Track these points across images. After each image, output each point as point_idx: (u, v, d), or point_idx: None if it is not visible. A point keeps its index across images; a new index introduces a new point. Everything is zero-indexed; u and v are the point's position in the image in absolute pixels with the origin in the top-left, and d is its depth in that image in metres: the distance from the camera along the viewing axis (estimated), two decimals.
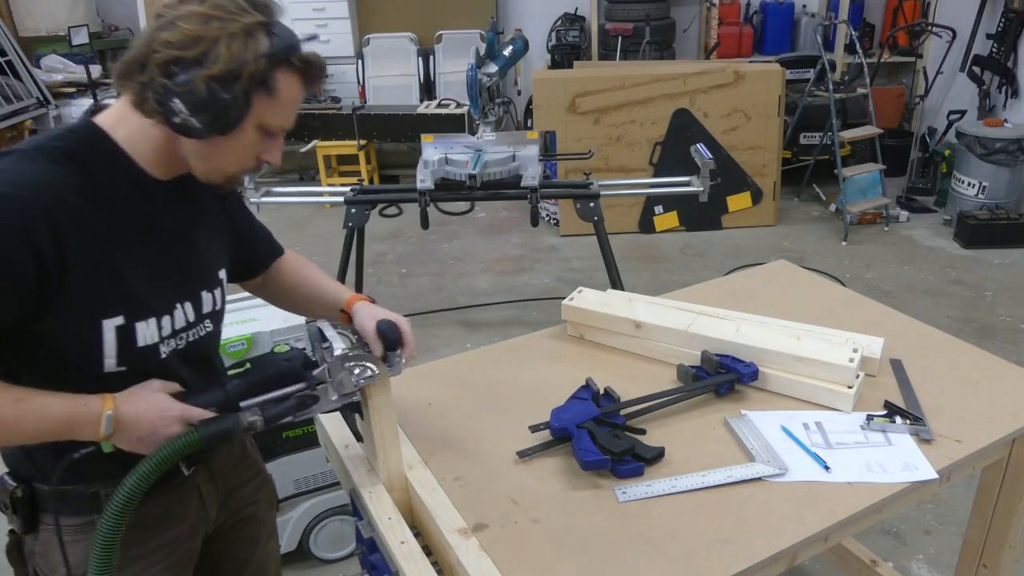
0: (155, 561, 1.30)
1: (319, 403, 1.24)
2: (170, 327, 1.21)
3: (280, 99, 1.10)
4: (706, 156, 3.31)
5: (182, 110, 1.05)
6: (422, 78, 6.32)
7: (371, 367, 1.24)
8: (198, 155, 1.13)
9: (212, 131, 1.07)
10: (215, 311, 1.31)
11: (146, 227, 1.17)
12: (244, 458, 1.50)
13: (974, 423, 1.49)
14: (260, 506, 1.53)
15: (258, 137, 1.14)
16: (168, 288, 1.21)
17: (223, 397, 1.18)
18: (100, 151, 1.12)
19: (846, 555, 2.15)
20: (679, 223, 5.14)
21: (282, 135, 1.18)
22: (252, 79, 1.06)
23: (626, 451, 1.36)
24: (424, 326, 4.01)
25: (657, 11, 5.94)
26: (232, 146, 1.12)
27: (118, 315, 1.13)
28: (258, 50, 1.05)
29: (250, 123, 1.10)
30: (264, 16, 1.07)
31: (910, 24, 6.01)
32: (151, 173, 1.16)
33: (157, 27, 1.05)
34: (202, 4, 1.04)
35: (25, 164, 1.06)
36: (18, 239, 1.01)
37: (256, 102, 1.08)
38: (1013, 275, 4.41)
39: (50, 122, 5.85)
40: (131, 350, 1.15)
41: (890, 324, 1.85)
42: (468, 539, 1.23)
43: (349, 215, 3.40)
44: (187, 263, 1.25)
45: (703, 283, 2.17)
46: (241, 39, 1.04)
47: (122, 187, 1.13)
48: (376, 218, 5.37)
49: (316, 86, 1.17)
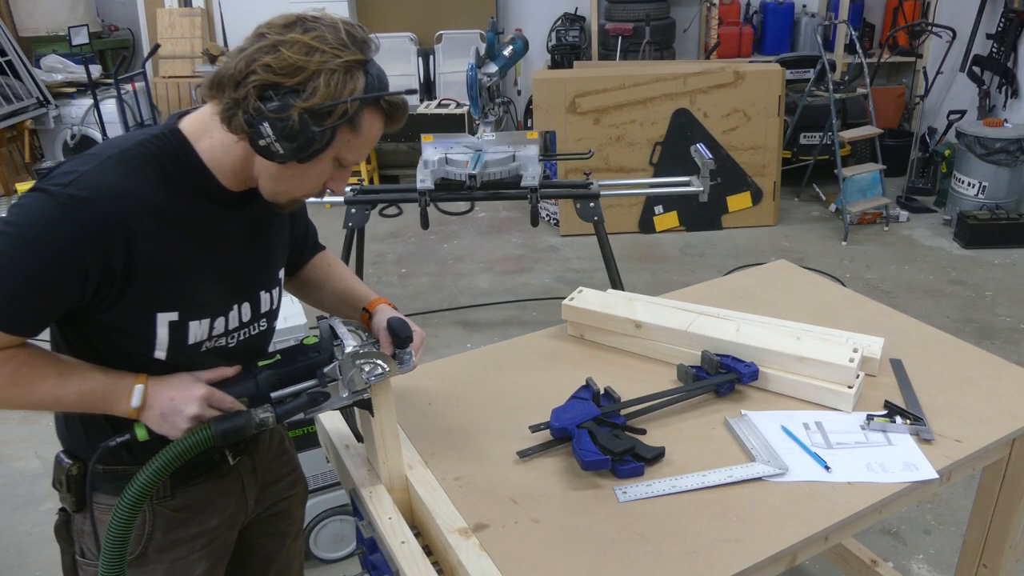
0: (196, 547, 1.33)
1: (330, 400, 1.25)
2: (223, 327, 1.24)
3: (362, 137, 1.13)
4: (706, 156, 3.31)
5: (270, 135, 1.06)
6: (422, 78, 6.32)
7: (382, 364, 1.25)
8: (271, 177, 1.15)
9: (293, 158, 1.09)
10: (272, 310, 1.34)
11: (215, 236, 1.20)
12: (282, 453, 1.53)
13: (974, 423, 1.49)
14: (293, 502, 1.56)
15: (331, 168, 1.16)
16: (228, 291, 1.24)
17: (254, 388, 1.20)
18: (182, 161, 1.14)
19: (846, 555, 2.16)
20: (679, 223, 5.14)
21: (351, 168, 1.21)
22: (343, 116, 1.07)
23: (626, 451, 1.36)
24: (424, 326, 3.97)
25: (657, 11, 5.94)
26: (306, 174, 1.14)
27: (173, 312, 1.16)
28: (355, 90, 1.06)
29: (328, 155, 1.12)
30: (363, 55, 1.08)
31: (910, 24, 6.01)
32: (225, 185, 1.18)
33: (259, 48, 1.05)
34: (306, 33, 1.05)
35: (108, 169, 1.08)
36: (90, 243, 1.04)
37: (339, 137, 1.10)
38: (1013, 275, 4.41)
39: (50, 122, 5.86)
40: (181, 345, 1.19)
41: (890, 324, 1.85)
42: (468, 539, 1.23)
43: (349, 215, 3.40)
44: (251, 268, 1.28)
45: (703, 283, 2.17)
46: (340, 76, 1.05)
47: (197, 197, 1.16)
48: (376, 218, 5.37)
49: (396, 128, 1.19)
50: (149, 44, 6.23)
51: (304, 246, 1.50)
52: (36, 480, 2.94)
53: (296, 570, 1.65)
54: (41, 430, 3.22)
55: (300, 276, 1.53)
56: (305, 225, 1.50)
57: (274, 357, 1.25)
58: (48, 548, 2.60)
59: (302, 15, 1.09)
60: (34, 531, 2.68)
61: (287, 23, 1.07)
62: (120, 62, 5.79)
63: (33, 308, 1.07)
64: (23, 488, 2.90)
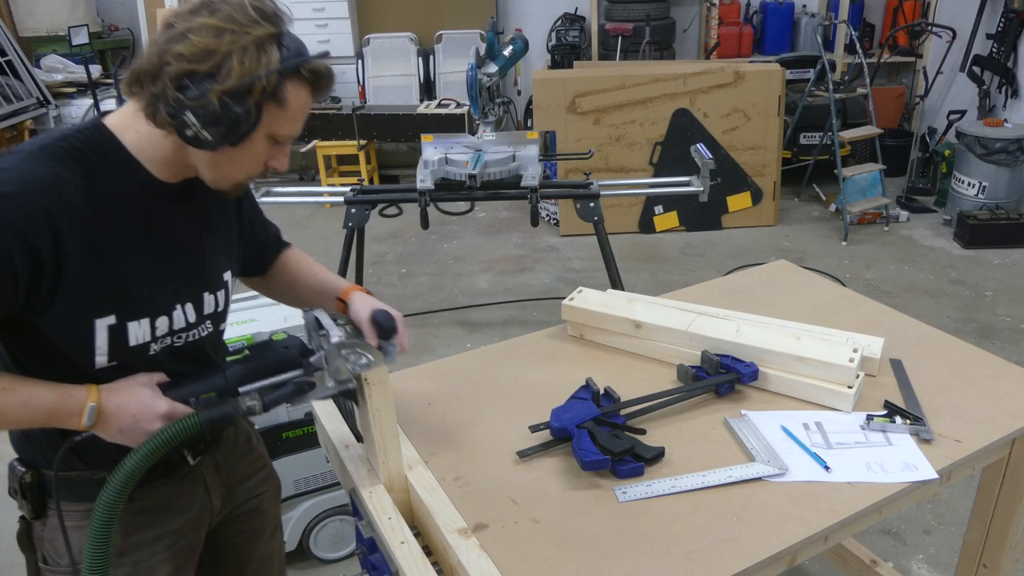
0: (159, 549, 1.31)
1: (316, 390, 1.25)
2: (166, 327, 1.21)
3: (290, 110, 1.11)
4: (706, 156, 3.31)
5: (194, 123, 1.05)
6: (422, 78, 6.32)
7: (367, 355, 1.26)
8: (208, 164, 1.14)
9: (223, 143, 1.08)
10: (217, 312, 1.31)
11: (150, 229, 1.17)
12: (250, 451, 1.51)
13: (974, 423, 1.49)
14: (265, 499, 1.54)
15: (267, 146, 1.15)
16: (168, 290, 1.21)
17: (223, 383, 1.20)
18: (107, 153, 1.12)
19: (846, 555, 2.15)
20: (679, 223, 5.14)
21: (290, 143, 1.19)
22: (264, 92, 1.06)
23: (626, 451, 1.36)
24: (424, 326, 4.01)
25: (657, 11, 5.94)
26: (241, 156, 1.13)
27: (110, 315, 1.13)
28: (270, 64, 1.05)
29: (260, 133, 1.11)
30: (275, 27, 1.07)
31: (910, 24, 6.01)
32: (158, 177, 1.16)
33: (169, 38, 1.05)
34: (213, 15, 1.04)
35: (28, 164, 1.06)
36: (15, 238, 1.02)
37: (266, 113, 1.09)
38: (1013, 275, 4.41)
39: (50, 122, 5.85)
40: (122, 349, 1.16)
41: (890, 324, 1.85)
42: (468, 539, 1.23)
43: (349, 215, 3.40)
44: (191, 265, 1.25)
45: (703, 283, 2.17)
46: (253, 53, 1.04)
47: (128, 189, 1.14)
48: (376, 218, 5.37)
49: (324, 96, 1.18)
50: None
51: (266, 246, 1.49)
52: None
53: (276, 568, 1.63)
54: None
55: (270, 277, 1.52)
56: (263, 226, 1.48)
57: (243, 352, 1.26)
58: None
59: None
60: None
61: (193, 9, 1.06)
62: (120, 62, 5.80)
63: None
64: None
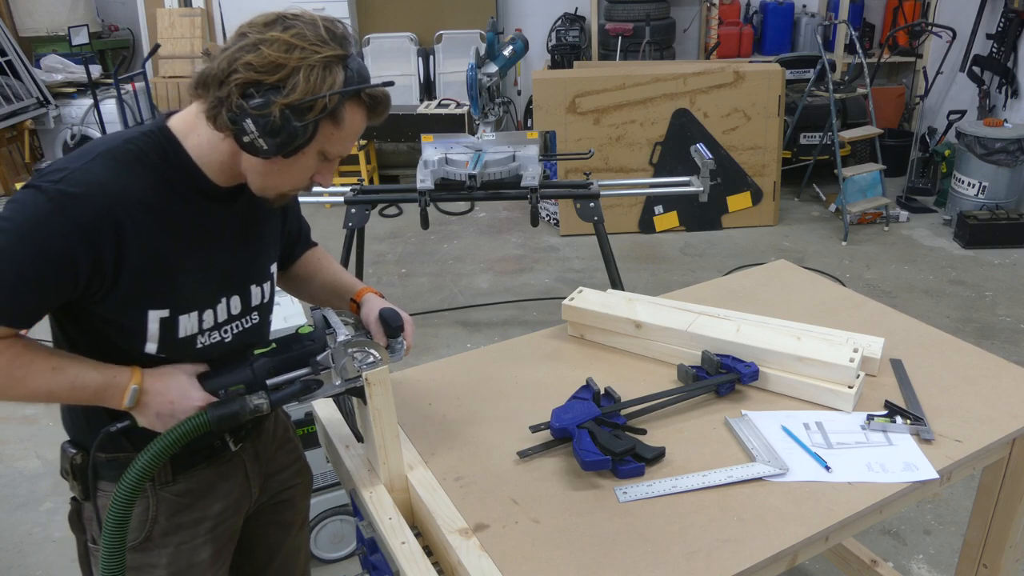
0: (200, 532, 1.34)
1: (323, 387, 1.27)
2: (212, 320, 1.25)
3: (345, 130, 1.15)
4: (706, 156, 3.31)
5: (253, 131, 1.08)
6: (422, 78, 6.32)
7: (373, 353, 1.28)
8: (258, 172, 1.18)
9: (277, 153, 1.12)
10: (263, 303, 1.36)
11: (205, 230, 1.22)
12: (287, 442, 1.54)
13: (974, 423, 1.49)
14: (297, 491, 1.57)
15: (316, 161, 1.18)
16: (217, 284, 1.26)
17: (250, 375, 1.22)
18: (170, 157, 1.16)
19: (846, 555, 2.16)
20: (679, 223, 5.14)
21: (337, 160, 1.23)
22: (324, 111, 1.10)
23: (627, 451, 1.36)
24: (424, 326, 4.01)
25: (657, 11, 5.94)
26: (291, 168, 1.17)
27: (164, 308, 1.18)
28: (334, 84, 1.09)
29: (312, 149, 1.15)
30: (343, 50, 1.11)
31: (910, 24, 6.01)
32: (214, 180, 1.20)
33: (240, 47, 1.08)
34: (286, 31, 1.08)
35: (97, 166, 1.10)
36: (81, 238, 1.07)
37: (322, 130, 1.13)
38: (1013, 275, 4.41)
39: (50, 122, 5.86)
40: (172, 339, 1.21)
41: (890, 324, 1.85)
42: (468, 539, 1.23)
43: (349, 215, 3.40)
44: (240, 261, 1.30)
45: (703, 283, 2.17)
46: (320, 71, 1.07)
47: (186, 192, 1.18)
48: (376, 218, 5.37)
49: (379, 121, 1.21)
50: (149, 44, 6.23)
51: (296, 242, 1.53)
52: (36, 480, 2.94)
53: (303, 561, 1.67)
54: (41, 430, 3.22)
55: (290, 271, 1.55)
56: (298, 222, 1.52)
57: (270, 346, 1.27)
58: (48, 548, 2.60)
59: (282, 13, 1.11)
60: (34, 531, 2.68)
61: (267, 22, 1.10)
62: (120, 62, 5.80)
63: (26, 301, 1.09)
64: (23, 488, 2.90)
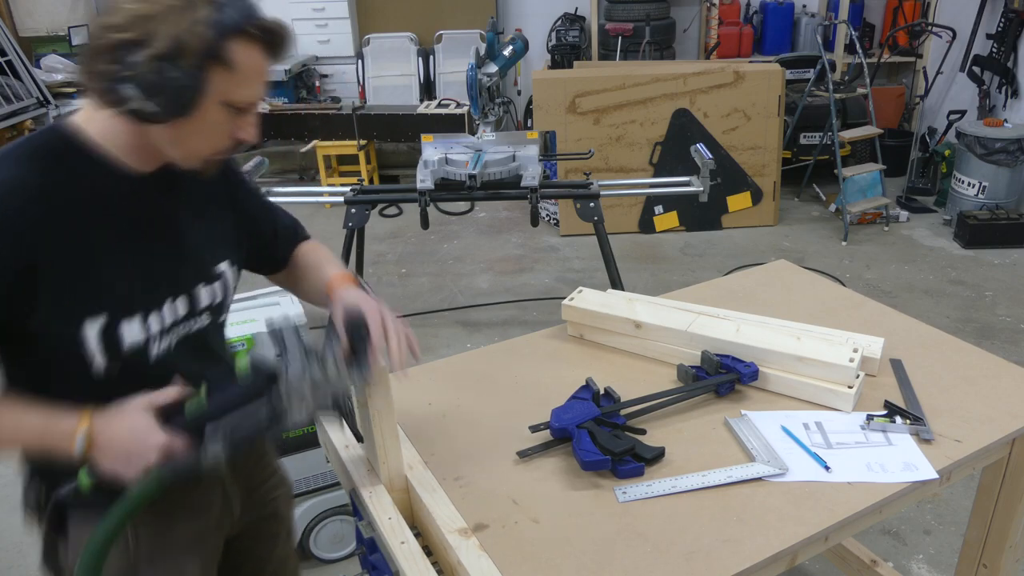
0: (185, 549, 1.30)
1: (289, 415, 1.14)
2: (159, 324, 1.17)
3: (240, 72, 1.04)
4: (706, 156, 3.31)
5: (135, 95, 1.00)
6: (422, 78, 6.32)
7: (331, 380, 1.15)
8: (168, 141, 1.09)
9: (170, 114, 1.02)
10: (215, 305, 1.28)
11: (128, 221, 1.13)
12: (262, 456, 1.51)
13: (974, 423, 1.49)
14: (279, 503, 1.55)
15: (227, 115, 1.08)
16: (156, 283, 1.18)
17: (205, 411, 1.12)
18: (65, 150, 1.09)
19: (846, 555, 2.15)
20: (679, 223, 5.14)
21: (254, 110, 1.12)
22: (200, 53, 1.00)
23: (626, 451, 1.36)
24: (424, 326, 4.01)
25: (657, 11, 5.94)
26: (199, 127, 1.07)
27: (100, 314, 1.10)
28: (199, 20, 0.99)
29: (212, 101, 1.04)
30: None
31: (910, 24, 6.01)
32: (131, 166, 1.12)
33: (103, 12, 1.01)
34: None
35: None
36: None
37: (213, 77, 1.03)
38: (1013, 275, 4.41)
39: (50, 122, 5.85)
40: (118, 349, 1.13)
41: (890, 324, 1.85)
42: (468, 539, 1.23)
43: (349, 215, 3.40)
44: (178, 257, 1.21)
45: (703, 283, 2.17)
46: (179, 12, 0.99)
47: (96, 183, 1.10)
48: (376, 218, 5.37)
49: (281, 56, 1.10)
50: None
51: (274, 243, 1.44)
52: None
53: (292, 568, 1.64)
54: None
55: (285, 272, 1.48)
56: (273, 223, 1.43)
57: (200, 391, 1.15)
58: None
59: None
60: (34, 531, 2.68)
61: None
62: None
63: None
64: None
